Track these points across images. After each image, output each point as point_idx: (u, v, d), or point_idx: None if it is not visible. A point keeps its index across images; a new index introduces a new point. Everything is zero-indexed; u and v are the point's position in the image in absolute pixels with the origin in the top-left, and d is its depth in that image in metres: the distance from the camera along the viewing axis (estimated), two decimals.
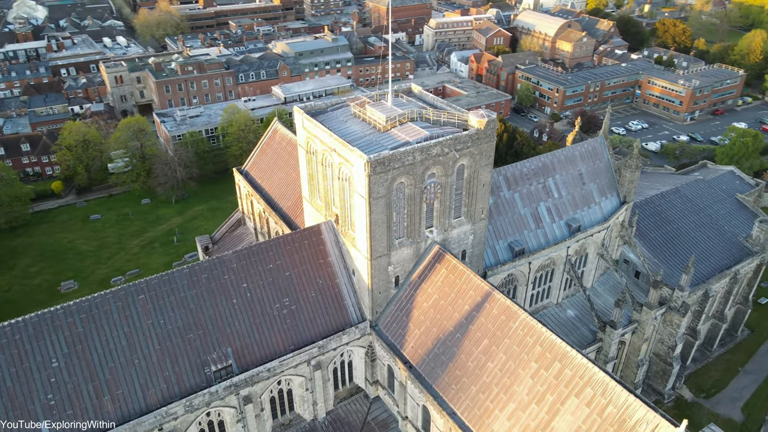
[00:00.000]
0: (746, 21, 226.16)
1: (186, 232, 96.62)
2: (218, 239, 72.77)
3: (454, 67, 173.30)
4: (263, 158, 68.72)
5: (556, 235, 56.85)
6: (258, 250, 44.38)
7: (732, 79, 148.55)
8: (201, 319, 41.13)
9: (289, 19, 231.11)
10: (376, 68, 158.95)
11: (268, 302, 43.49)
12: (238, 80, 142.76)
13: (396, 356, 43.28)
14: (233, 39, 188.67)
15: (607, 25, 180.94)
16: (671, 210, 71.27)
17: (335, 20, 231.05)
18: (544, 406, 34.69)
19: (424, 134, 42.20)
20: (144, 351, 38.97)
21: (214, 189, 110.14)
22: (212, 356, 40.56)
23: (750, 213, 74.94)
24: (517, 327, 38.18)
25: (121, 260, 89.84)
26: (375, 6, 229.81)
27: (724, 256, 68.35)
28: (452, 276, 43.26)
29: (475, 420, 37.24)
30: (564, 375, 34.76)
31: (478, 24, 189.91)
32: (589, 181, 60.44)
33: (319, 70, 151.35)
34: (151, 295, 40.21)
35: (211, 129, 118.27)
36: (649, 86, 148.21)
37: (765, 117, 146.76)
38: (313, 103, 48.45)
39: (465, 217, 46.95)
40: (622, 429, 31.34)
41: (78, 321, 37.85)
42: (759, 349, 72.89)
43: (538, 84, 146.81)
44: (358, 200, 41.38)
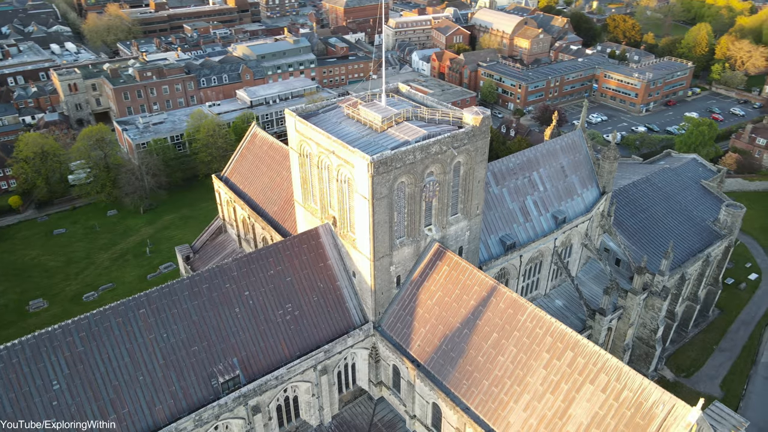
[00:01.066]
0: (688, 15, 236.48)
1: (158, 243, 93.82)
2: (199, 248, 70.99)
3: (415, 65, 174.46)
4: (244, 163, 67.46)
5: (544, 227, 58.11)
6: (258, 256, 43.56)
7: (682, 71, 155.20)
8: (205, 330, 40.08)
9: (245, 22, 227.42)
10: (340, 69, 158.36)
11: (271, 309, 42.76)
12: (199, 85, 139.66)
13: (403, 356, 43.30)
14: (189, 43, 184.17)
15: (562, 22, 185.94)
16: (643, 198, 73.91)
17: (292, 22, 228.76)
18: (560, 395, 35.44)
19: (422, 133, 42.38)
20: (148, 367, 37.68)
21: (184, 197, 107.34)
22: (218, 367, 39.59)
23: (715, 198, 78.50)
24: (526, 319, 38.84)
25: (91, 275, 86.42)
26: (332, 7, 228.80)
27: (695, 240, 71.38)
28: (455, 272, 43.61)
29: (490, 413, 37.68)
30: (577, 363, 35.60)
31: (437, 23, 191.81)
32: (570, 173, 62.03)
33: (282, 72, 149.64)
34: (152, 308, 38.91)
35: (177, 136, 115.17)
36: (606, 80, 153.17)
37: (713, 106, 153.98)
38: (305, 106, 47.90)
39: (461, 214, 47.41)
40: (640, 411, 32.37)
41: (77, 340, 36.25)
42: (730, 327, 76.48)
43: (501, 80, 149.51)
44: (360, 201, 41.19)
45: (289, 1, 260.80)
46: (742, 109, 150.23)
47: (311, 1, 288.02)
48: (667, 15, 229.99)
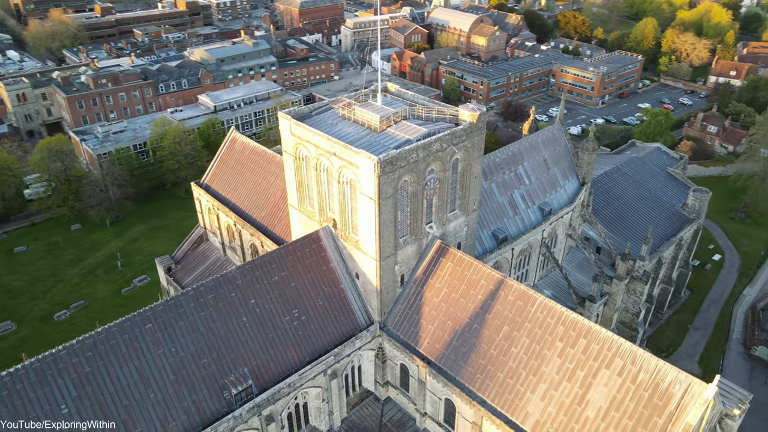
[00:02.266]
0: (632, 11, 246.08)
1: (129, 256, 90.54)
2: (180, 258, 68.96)
3: (375, 66, 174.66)
4: (225, 169, 65.94)
5: (532, 219, 59.37)
6: (261, 263, 42.71)
7: (633, 65, 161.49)
8: (213, 341, 39.01)
9: (197, 25, 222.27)
10: (302, 70, 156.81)
11: (278, 316, 42.02)
12: (158, 91, 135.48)
13: (413, 354, 43.37)
14: (141, 48, 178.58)
15: (516, 19, 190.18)
16: (616, 187, 76.51)
17: (246, 24, 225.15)
18: (576, 382, 36.32)
19: (423, 131, 42.55)
20: (159, 383, 36.36)
21: (151, 207, 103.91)
22: (230, 379, 38.60)
23: (681, 184, 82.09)
24: (536, 310, 39.60)
25: (61, 293, 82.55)
26: (287, 8, 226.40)
27: (667, 225, 74.42)
28: (459, 268, 43.99)
29: (507, 405, 38.22)
30: (591, 350, 36.57)
31: (395, 22, 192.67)
32: (552, 165, 63.61)
33: (243, 76, 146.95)
34: (159, 323, 37.56)
35: (140, 144, 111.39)
36: (563, 74, 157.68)
37: (663, 97, 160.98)
38: (297, 108, 47.23)
39: (459, 210, 47.88)
40: (657, 392, 33.56)
41: (83, 360, 34.61)
42: (701, 306, 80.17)
43: (463, 78, 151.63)
44: (365, 202, 40.98)
45: (240, 4, 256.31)
46: (690, 99, 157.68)
47: (263, 3, 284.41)
48: (612, 11, 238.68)
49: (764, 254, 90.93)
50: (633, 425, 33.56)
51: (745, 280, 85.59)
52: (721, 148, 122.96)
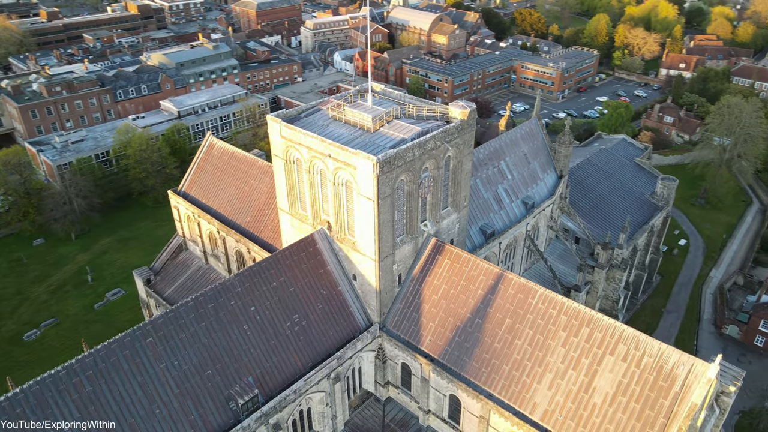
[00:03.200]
0: (583, 7, 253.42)
1: (99, 269, 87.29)
2: (160, 269, 66.94)
3: (338, 66, 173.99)
4: (203, 176, 64.43)
5: (516, 213, 60.38)
6: (259, 269, 41.93)
7: (589, 59, 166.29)
8: (216, 352, 38.07)
9: (150, 29, 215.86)
10: (264, 73, 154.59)
11: (279, 322, 41.37)
12: (116, 98, 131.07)
13: (415, 353, 43.45)
14: (94, 53, 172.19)
15: (474, 17, 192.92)
16: (589, 179, 78.62)
17: (202, 27, 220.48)
18: (582, 370, 37.17)
19: (417, 129, 42.67)
20: (163, 398, 35.23)
21: (119, 218, 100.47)
22: (235, 389, 37.77)
23: (648, 173, 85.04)
24: (537, 301, 40.32)
25: (28, 311, 78.85)
26: (243, 10, 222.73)
27: (639, 213, 76.95)
28: (457, 264, 44.34)
29: (514, 397, 38.77)
30: (594, 337, 37.50)
31: (354, 22, 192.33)
32: (532, 159, 64.86)
33: (204, 80, 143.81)
34: (159, 336, 36.38)
35: (102, 153, 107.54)
36: (523, 71, 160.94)
37: (619, 90, 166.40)
38: (285, 111, 46.52)
39: (451, 207, 48.25)
40: (662, 374, 34.72)
41: (84, 380, 33.18)
42: (672, 290, 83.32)
43: (427, 76, 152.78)
44: (362, 203, 40.79)
45: (194, 6, 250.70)
46: (644, 91, 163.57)
47: (217, 5, 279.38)
48: (564, 8, 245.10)
49: (726, 237, 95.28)
50: (640, 408, 34.61)
51: (710, 262, 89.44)
52: (677, 138, 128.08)
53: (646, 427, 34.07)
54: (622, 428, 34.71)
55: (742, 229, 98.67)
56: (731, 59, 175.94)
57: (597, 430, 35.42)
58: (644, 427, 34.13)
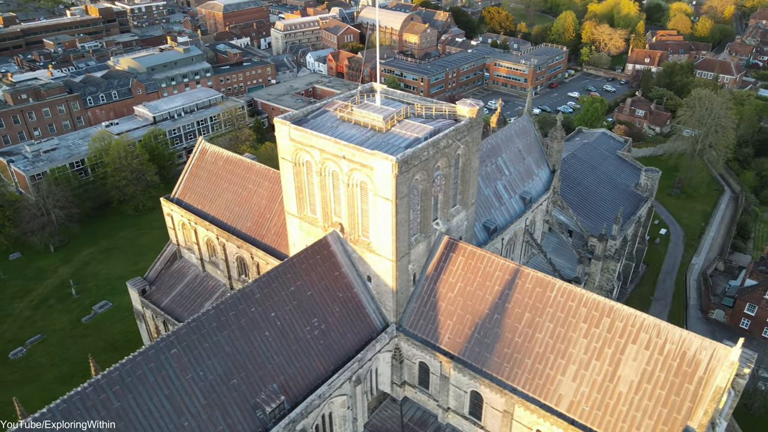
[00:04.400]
0: (547, 5, 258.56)
1: (83, 282, 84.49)
2: (154, 279, 65.24)
3: (311, 67, 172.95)
4: (197, 182, 63.08)
5: (516, 209, 61.18)
6: (276, 274, 41.32)
7: (559, 56, 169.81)
8: (240, 360, 37.34)
9: (113, 32, 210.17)
10: (238, 76, 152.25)
11: (299, 326, 40.86)
12: (86, 104, 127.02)
13: (434, 351, 43.54)
14: (56, 59, 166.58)
15: (444, 16, 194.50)
16: (575, 173, 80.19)
17: (167, 30, 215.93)
18: (605, 360, 37.92)
19: (429, 128, 42.77)
20: (191, 410, 34.36)
21: (98, 228, 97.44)
22: (261, 397, 37.12)
23: (630, 165, 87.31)
24: (556, 295, 40.93)
25: (11, 329, 75.71)
26: (209, 12, 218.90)
27: (625, 204, 78.82)
28: (472, 261, 44.63)
29: (539, 390, 39.27)
30: (615, 327, 38.30)
31: (325, 23, 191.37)
32: (526, 155, 65.82)
33: (176, 84, 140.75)
34: (183, 347, 35.46)
35: (77, 162, 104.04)
36: (496, 68, 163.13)
37: (588, 85, 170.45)
38: (292, 113, 45.95)
39: (460, 205, 48.54)
40: (685, 360, 35.72)
41: (112, 396, 32.08)
42: (658, 278, 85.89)
43: (402, 75, 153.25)
44: (379, 203, 40.64)
45: (157, 9, 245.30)
46: (612, 86, 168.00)
47: (180, 8, 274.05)
48: (529, 6, 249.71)
49: (704, 225, 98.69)
50: (666, 394, 35.54)
51: (691, 250, 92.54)
52: (649, 130, 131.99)
53: (673, 412, 35.02)
54: (650, 414, 35.59)
55: (717, 216, 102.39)
56: (692, 53, 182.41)
57: (624, 417, 36.21)
58: (671, 413, 35.07)
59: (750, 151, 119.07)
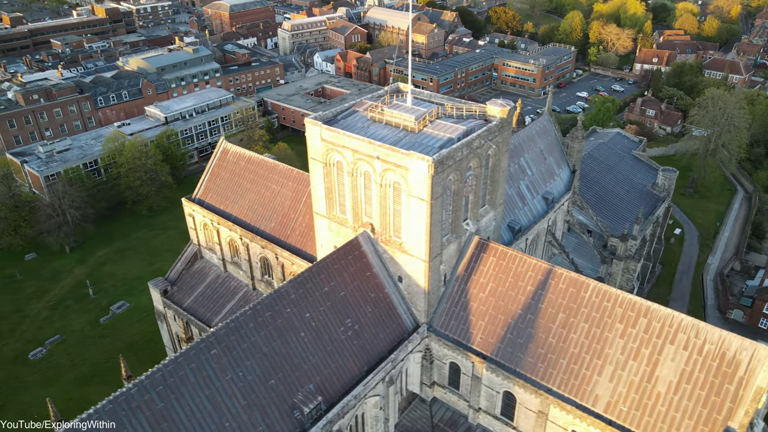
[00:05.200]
0: (552, 5, 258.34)
1: (100, 282, 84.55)
2: (176, 279, 65.20)
3: (319, 67, 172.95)
4: (219, 182, 63.04)
5: (539, 209, 61.13)
6: (310, 275, 41.29)
7: (567, 56, 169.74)
8: (277, 360, 37.32)
9: (119, 33, 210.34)
10: (247, 76, 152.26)
11: (333, 327, 40.83)
12: (96, 104, 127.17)
13: (467, 351, 43.49)
14: (64, 59, 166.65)
15: (451, 16, 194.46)
16: (593, 172, 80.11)
17: (173, 30, 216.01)
18: (642, 360, 37.86)
19: (462, 129, 42.74)
20: (232, 411, 34.33)
21: (113, 228, 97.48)
22: (298, 397, 37.09)
23: (646, 165, 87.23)
24: (590, 295, 40.89)
25: (31, 329, 75.75)
26: (216, 12, 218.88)
27: (643, 204, 78.72)
28: (503, 262, 44.59)
29: (575, 390, 39.23)
30: (653, 328, 38.25)
31: (332, 23, 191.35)
32: (548, 155, 65.77)
33: (186, 84, 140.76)
34: (223, 347, 35.44)
35: (91, 162, 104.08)
36: (505, 68, 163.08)
37: (596, 85, 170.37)
38: (322, 113, 45.92)
39: (489, 205, 48.52)
40: (725, 361, 35.68)
41: (155, 396, 32.06)
42: (674, 278, 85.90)
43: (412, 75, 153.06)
44: (414, 204, 40.59)
45: (162, 9, 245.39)
46: (621, 86, 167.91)
47: (185, 8, 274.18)
48: (534, 6, 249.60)
49: (719, 225, 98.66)
50: (706, 394, 35.49)
51: (706, 250, 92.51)
52: (660, 130, 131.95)
53: (713, 413, 34.97)
54: (689, 415, 35.55)
55: (731, 216, 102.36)
56: (699, 53, 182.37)
57: (663, 418, 36.17)
58: (711, 413, 35.03)
59: (762, 151, 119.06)
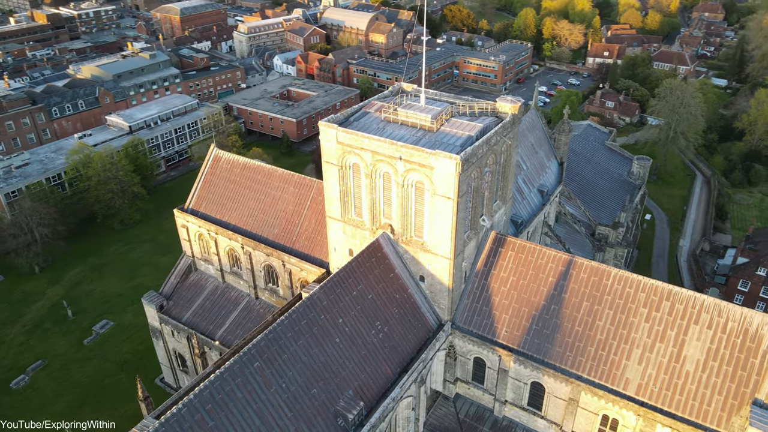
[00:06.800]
0: (501, 2, 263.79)
1: (77, 302, 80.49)
2: (171, 293, 62.90)
3: (279, 69, 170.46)
4: (213, 190, 61.26)
5: (536, 201, 62.43)
6: (339, 279, 40.73)
7: (525, 52, 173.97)
8: (316, 369, 36.65)
9: (63, 39, 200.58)
10: (207, 81, 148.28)
11: (365, 331, 40.46)
12: (51, 116, 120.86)
13: (493, 345, 44.00)
14: (6, 68, 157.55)
15: (408, 15, 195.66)
16: (573, 164, 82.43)
17: (121, 36, 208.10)
18: (669, 342, 39.37)
19: (479, 126, 43.15)
20: (279, 423, 33.49)
21: (84, 244, 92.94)
22: (340, 404, 36.58)
23: (619, 155, 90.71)
24: (612, 282, 42.15)
25: (8, 356, 71.33)
26: (165, 16, 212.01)
27: (621, 192, 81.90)
28: (522, 255, 45.34)
29: (605, 375, 40.36)
30: (676, 310, 39.81)
31: (290, 25, 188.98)
32: (538, 149, 67.28)
33: (145, 91, 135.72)
34: (265, 359, 34.51)
35: (54, 176, 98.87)
36: (466, 65, 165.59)
37: (553, 79, 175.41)
38: (333, 116, 45.33)
39: (500, 201, 49.22)
40: (748, 336, 37.55)
41: (205, 415, 30.88)
42: (651, 262, 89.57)
43: (376, 75, 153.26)
44: (439, 203, 40.71)
45: (105, 14, 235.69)
46: (576, 79, 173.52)
47: (129, 12, 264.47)
48: (485, 4, 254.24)
49: (685, 209, 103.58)
50: (732, 370, 37.26)
51: (676, 233, 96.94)
52: (619, 121, 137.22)
53: (741, 387, 36.76)
54: (719, 390, 37.24)
55: (694, 200, 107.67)
56: (644, 46, 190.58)
57: (694, 395, 37.74)
58: (739, 387, 36.81)
59: (715, 137, 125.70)
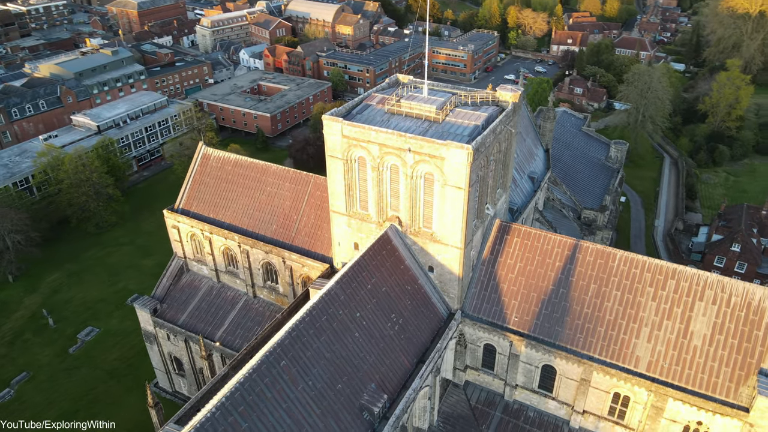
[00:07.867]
0: None
1: (58, 310, 77.61)
2: (164, 296, 61.34)
3: (246, 64, 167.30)
4: (204, 189, 59.90)
5: (528, 188, 63.42)
6: (353, 273, 40.50)
7: (491, 41, 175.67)
8: (339, 364, 36.46)
9: (13, 37, 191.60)
10: (174, 77, 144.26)
11: (382, 324, 40.44)
12: (11, 117, 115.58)
13: (504, 331, 44.64)
14: None
15: (374, 6, 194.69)
16: (554, 150, 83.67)
17: (75, 32, 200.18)
18: (676, 319, 40.78)
19: (484, 116, 43.45)
20: (309, 421, 33.22)
21: (59, 250, 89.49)
22: (364, 398, 36.54)
23: (596, 140, 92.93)
24: (618, 263, 43.31)
25: None
26: (122, 11, 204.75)
27: (601, 176, 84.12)
28: (528, 241, 46.06)
29: (616, 354, 41.53)
30: (681, 288, 41.23)
31: (254, 18, 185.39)
32: (525, 136, 68.23)
33: (110, 89, 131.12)
34: (290, 358, 34.10)
35: (21, 181, 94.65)
36: (435, 55, 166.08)
37: (520, 67, 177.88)
38: (336, 109, 44.84)
39: (501, 189, 49.79)
40: (751, 309, 39.23)
41: (238, 417, 30.34)
42: (630, 243, 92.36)
43: (346, 68, 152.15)
44: (449, 193, 40.86)
45: (56, 9, 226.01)
46: (542, 67, 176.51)
47: (81, 8, 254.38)
48: None
49: (657, 190, 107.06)
50: (738, 343, 38.91)
51: (651, 214, 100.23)
52: (588, 106, 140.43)
53: (747, 358, 38.45)
54: (726, 362, 38.84)
55: (664, 181, 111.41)
56: (605, 33, 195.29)
57: (703, 369, 39.27)
58: (745, 358, 38.49)
59: (679, 120, 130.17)
